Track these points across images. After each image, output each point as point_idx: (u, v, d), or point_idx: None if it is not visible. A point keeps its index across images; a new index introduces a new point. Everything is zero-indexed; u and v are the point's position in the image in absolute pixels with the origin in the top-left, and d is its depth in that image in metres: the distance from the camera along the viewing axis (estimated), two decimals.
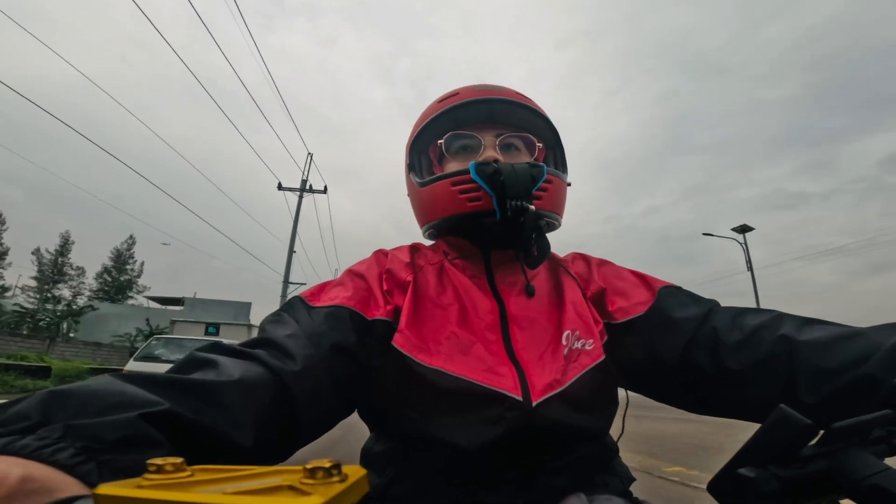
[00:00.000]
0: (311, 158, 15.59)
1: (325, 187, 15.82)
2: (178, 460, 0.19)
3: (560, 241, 0.90)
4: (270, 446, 0.46)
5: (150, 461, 0.19)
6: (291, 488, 0.17)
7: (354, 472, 0.18)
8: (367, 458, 0.71)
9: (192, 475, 0.19)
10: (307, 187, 15.31)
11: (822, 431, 0.31)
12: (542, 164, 0.70)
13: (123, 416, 0.32)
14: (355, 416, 0.70)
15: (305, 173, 15.49)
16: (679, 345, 0.65)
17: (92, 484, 0.27)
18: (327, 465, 0.18)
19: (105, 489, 0.17)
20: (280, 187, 15.11)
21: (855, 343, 0.51)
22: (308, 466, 0.18)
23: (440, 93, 0.82)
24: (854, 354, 0.50)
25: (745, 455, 0.30)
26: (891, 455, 0.35)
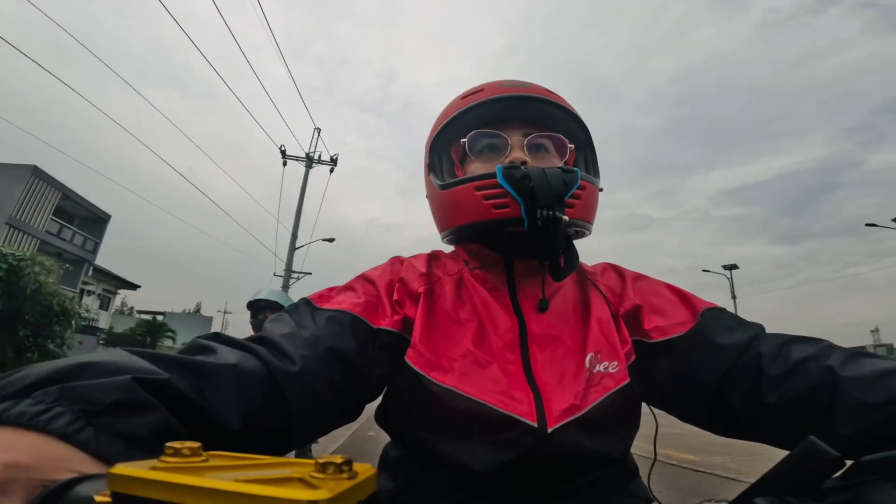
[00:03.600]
0: (319, 133, 14.36)
1: (334, 158, 14.30)
2: (195, 445, 0.19)
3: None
4: (259, 439, 0.46)
5: (167, 444, 0.19)
6: (301, 480, 0.17)
7: (365, 470, 0.19)
8: (384, 461, 0.70)
9: (206, 460, 0.19)
10: (315, 158, 14.06)
11: (848, 465, 0.30)
12: (575, 168, 0.66)
13: (119, 379, 0.32)
14: None
15: (313, 146, 14.32)
16: (719, 370, 0.61)
17: (90, 451, 0.27)
18: (339, 461, 0.18)
19: (120, 469, 0.18)
20: (283, 155, 13.63)
21: None
22: (320, 461, 0.18)
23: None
24: None
25: (765, 484, 0.29)
26: None
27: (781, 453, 0.33)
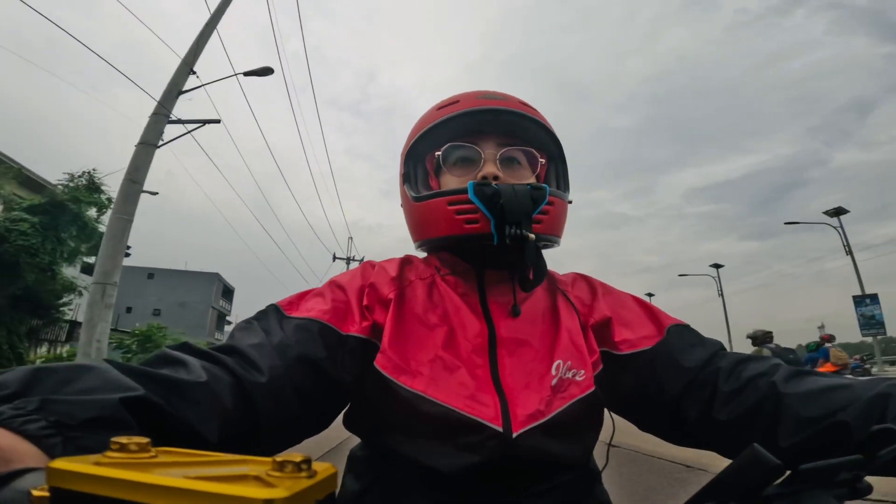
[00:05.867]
0: (352, 241, 22.80)
1: (363, 258, 21.09)
2: (144, 440, 0.18)
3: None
4: (235, 448, 0.46)
5: (113, 439, 0.18)
6: (257, 478, 0.17)
7: (324, 469, 0.18)
8: (351, 462, 0.71)
9: (155, 456, 0.18)
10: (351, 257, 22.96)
11: (788, 473, 0.32)
12: (544, 185, 0.68)
13: (101, 398, 0.32)
14: None
15: (348, 252, 22.93)
16: (679, 385, 0.64)
17: (54, 458, 0.27)
18: (297, 459, 0.17)
19: (60, 463, 0.16)
20: (334, 258, 22.08)
21: (837, 394, 0.52)
22: (277, 459, 0.17)
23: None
24: (834, 404, 0.51)
25: (710, 491, 0.30)
26: (852, 499, 0.35)
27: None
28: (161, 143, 7.42)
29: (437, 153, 0.74)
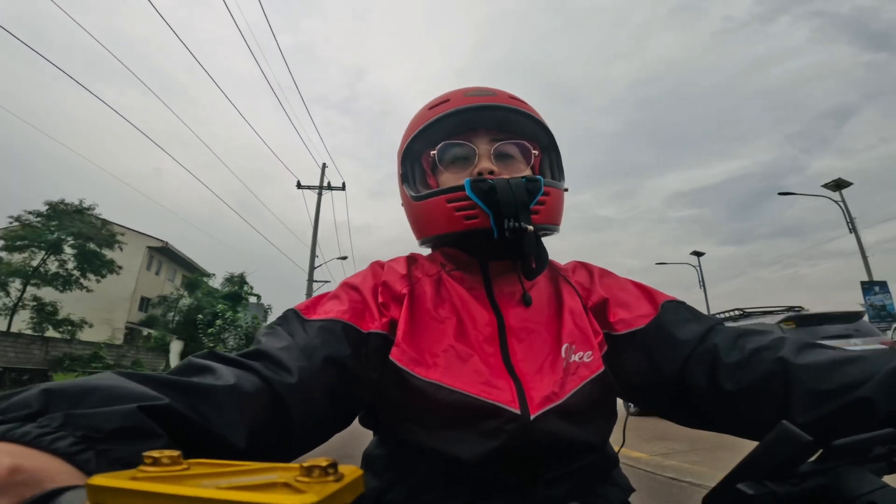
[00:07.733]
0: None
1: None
2: (175, 453, 0.19)
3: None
4: (265, 451, 0.46)
5: (146, 453, 0.19)
6: (286, 485, 0.17)
7: (351, 472, 0.18)
8: (367, 460, 0.72)
9: (187, 468, 0.19)
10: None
11: (821, 449, 0.31)
12: (538, 177, 0.69)
13: (123, 408, 0.32)
14: None
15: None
16: (678, 360, 0.64)
17: (89, 473, 0.28)
18: (324, 463, 0.18)
19: (98, 479, 0.17)
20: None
21: (852, 367, 0.51)
22: (305, 464, 0.18)
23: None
24: (851, 378, 0.50)
25: (744, 470, 0.30)
26: (889, 473, 0.35)
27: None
28: (315, 292, 14.02)
29: (432, 152, 0.76)
